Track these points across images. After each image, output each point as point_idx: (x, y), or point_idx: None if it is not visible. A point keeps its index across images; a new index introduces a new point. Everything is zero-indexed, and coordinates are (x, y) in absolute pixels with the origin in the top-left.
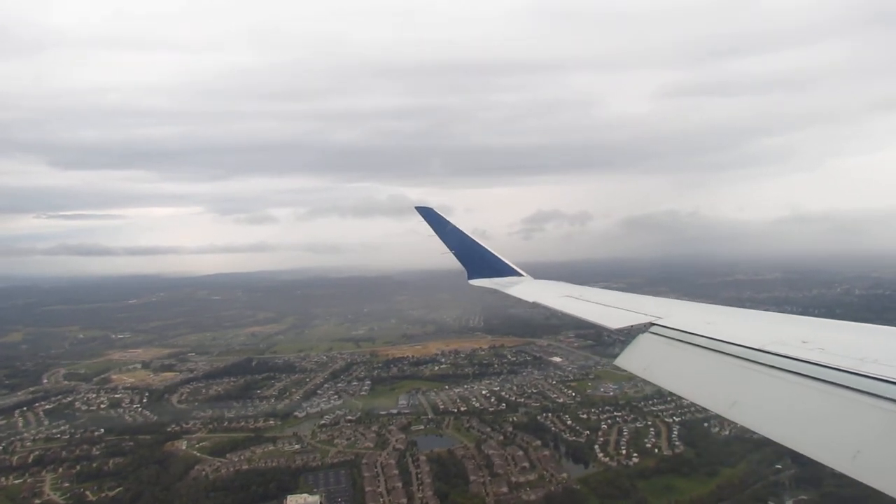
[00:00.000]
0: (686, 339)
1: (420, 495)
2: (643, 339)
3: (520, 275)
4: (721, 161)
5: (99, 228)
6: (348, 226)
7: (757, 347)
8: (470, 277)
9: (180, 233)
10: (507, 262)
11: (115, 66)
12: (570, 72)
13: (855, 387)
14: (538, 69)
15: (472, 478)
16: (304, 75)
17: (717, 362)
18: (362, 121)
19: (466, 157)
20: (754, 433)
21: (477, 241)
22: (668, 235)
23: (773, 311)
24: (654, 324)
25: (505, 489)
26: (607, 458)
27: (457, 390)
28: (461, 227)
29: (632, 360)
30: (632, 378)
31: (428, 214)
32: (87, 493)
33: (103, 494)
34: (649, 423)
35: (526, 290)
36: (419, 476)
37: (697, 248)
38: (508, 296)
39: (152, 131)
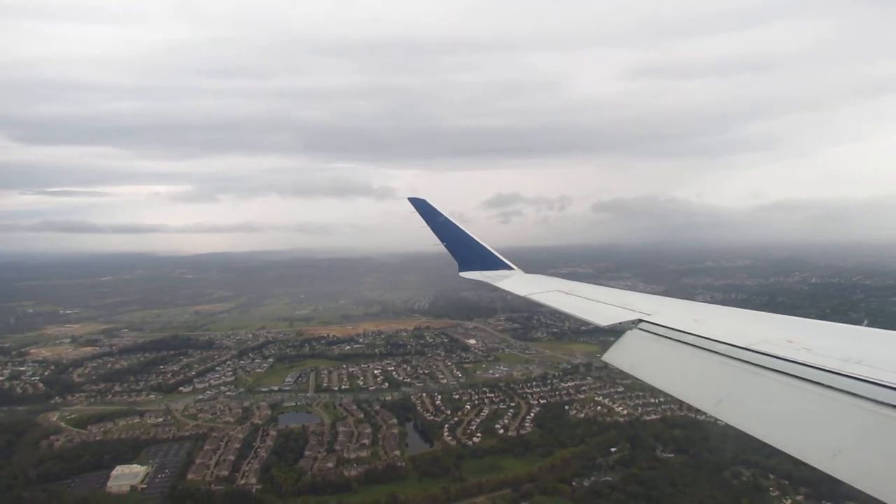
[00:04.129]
0: (674, 336)
1: (246, 468)
2: (631, 336)
3: (511, 268)
4: (702, 146)
5: (84, 206)
6: (330, 206)
7: (744, 346)
8: (461, 270)
9: (166, 211)
10: (498, 255)
11: (51, 39)
12: (532, 51)
13: (838, 387)
14: (500, 48)
15: (306, 453)
16: (247, 52)
17: (703, 360)
18: (322, 100)
19: (435, 138)
20: (606, 418)
21: (468, 233)
22: (649, 222)
23: (721, 295)
24: (642, 320)
25: (331, 465)
26: (450, 438)
27: (352, 370)
28: (453, 219)
29: (619, 356)
30: (527, 361)
31: (420, 206)
32: None
33: None
34: (514, 404)
35: (516, 284)
36: (258, 450)
37: (680, 235)
38: (498, 288)
39: (109, 107)
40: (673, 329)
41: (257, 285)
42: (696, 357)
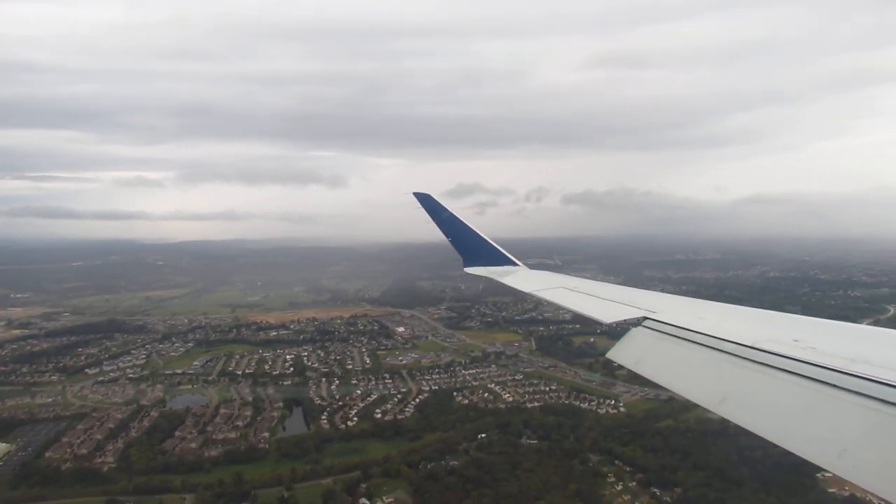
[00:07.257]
0: (678, 333)
1: (110, 447)
2: (636, 333)
3: (515, 264)
4: (679, 139)
5: (63, 191)
6: (311, 194)
7: (749, 344)
8: (466, 265)
9: (145, 197)
10: (502, 251)
11: None
12: (493, 38)
13: (844, 386)
14: (458, 35)
15: (177, 433)
16: (192, 37)
17: (708, 358)
18: (281, 86)
19: (406, 127)
20: (489, 404)
21: (473, 229)
22: (627, 215)
23: (672, 287)
24: (647, 318)
25: (194, 445)
26: (326, 422)
27: (266, 355)
28: (458, 215)
29: (624, 353)
30: (443, 349)
31: (425, 201)
32: None
33: None
34: (405, 390)
35: (520, 280)
36: (130, 430)
37: (659, 228)
38: (503, 285)
39: (64, 90)
40: (678, 327)
41: (220, 272)
42: (701, 355)
